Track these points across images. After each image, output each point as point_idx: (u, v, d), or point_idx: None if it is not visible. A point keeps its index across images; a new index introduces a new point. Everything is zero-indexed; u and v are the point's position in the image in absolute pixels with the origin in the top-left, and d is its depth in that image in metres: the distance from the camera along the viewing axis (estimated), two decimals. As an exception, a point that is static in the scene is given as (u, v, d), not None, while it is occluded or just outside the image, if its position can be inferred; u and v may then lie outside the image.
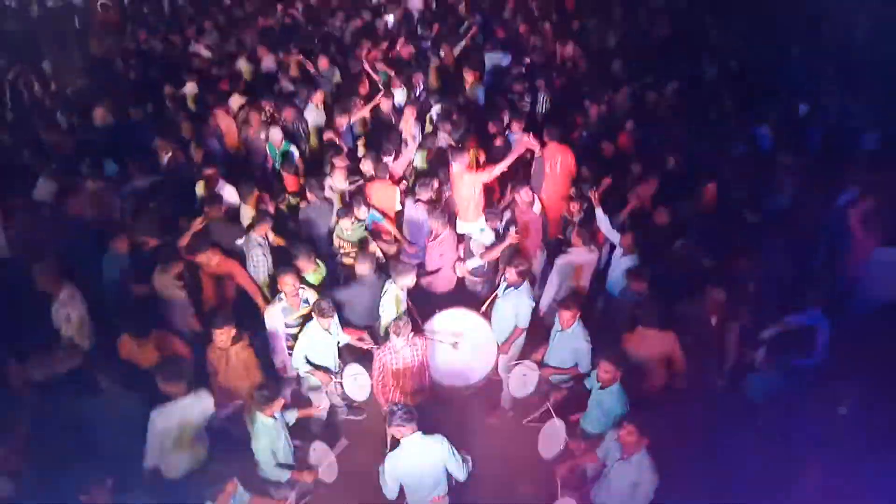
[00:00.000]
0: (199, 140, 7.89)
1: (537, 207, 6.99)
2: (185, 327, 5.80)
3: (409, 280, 5.74)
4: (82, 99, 9.45)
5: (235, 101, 8.98)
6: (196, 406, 4.64)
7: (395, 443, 4.34)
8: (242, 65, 10.53)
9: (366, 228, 6.73)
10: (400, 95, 9.13)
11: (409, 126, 8.26)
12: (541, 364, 5.51)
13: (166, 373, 4.58)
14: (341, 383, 5.43)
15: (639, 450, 4.18)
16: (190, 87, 9.37)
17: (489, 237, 6.68)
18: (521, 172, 7.73)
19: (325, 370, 5.40)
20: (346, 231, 6.54)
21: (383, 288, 5.81)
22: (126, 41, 11.81)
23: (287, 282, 5.43)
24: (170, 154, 7.58)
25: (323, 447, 4.92)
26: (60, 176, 7.05)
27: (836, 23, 11.58)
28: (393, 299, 5.73)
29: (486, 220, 6.64)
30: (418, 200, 6.95)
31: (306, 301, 5.57)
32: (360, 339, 5.68)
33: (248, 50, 11.04)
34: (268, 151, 8.15)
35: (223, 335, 4.99)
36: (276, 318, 5.52)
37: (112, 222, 6.59)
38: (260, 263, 6.23)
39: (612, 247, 6.50)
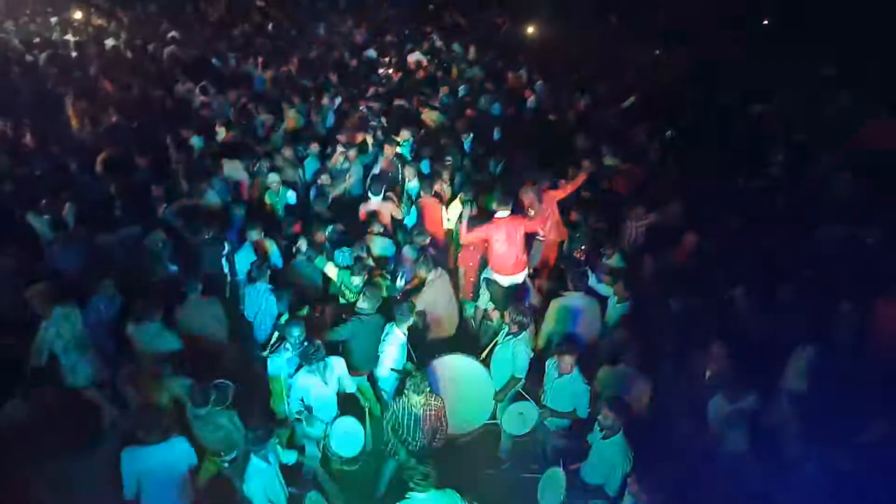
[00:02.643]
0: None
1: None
2: None
3: (409, 321, 5.77)
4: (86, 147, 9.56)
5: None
6: (169, 453, 4.52)
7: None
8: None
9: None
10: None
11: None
12: (539, 405, 5.48)
13: (140, 421, 4.56)
14: (328, 436, 5.33)
15: None
16: (196, 140, 9.46)
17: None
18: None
19: (314, 417, 5.30)
20: (353, 285, 6.41)
21: (384, 329, 5.81)
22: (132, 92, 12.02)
23: (294, 333, 5.38)
24: (166, 203, 7.62)
25: (318, 498, 4.82)
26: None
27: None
28: (396, 343, 5.74)
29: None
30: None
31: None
32: (361, 394, 5.67)
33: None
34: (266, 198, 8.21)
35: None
36: (280, 367, 5.46)
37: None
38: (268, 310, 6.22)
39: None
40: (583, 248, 6.75)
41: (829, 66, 11.43)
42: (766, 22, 15.16)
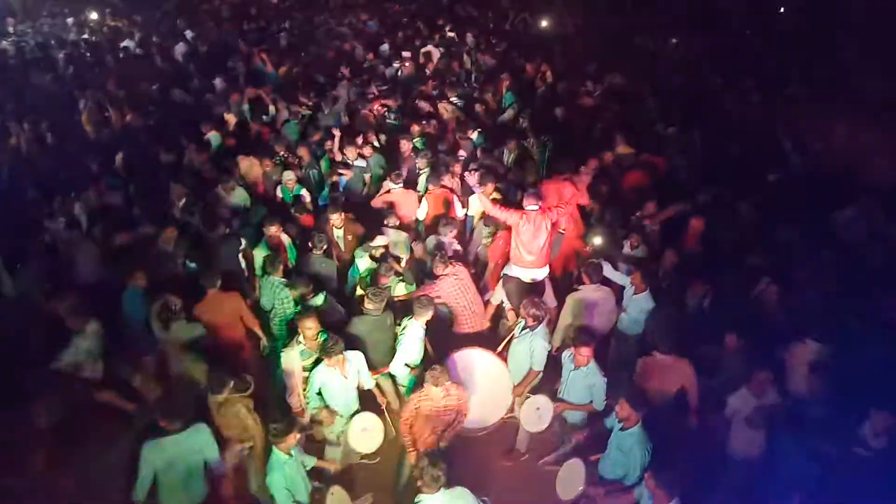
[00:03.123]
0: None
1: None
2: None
3: (428, 315, 5.79)
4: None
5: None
6: (190, 441, 4.57)
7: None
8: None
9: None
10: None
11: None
12: (555, 399, 5.47)
13: (163, 408, 4.61)
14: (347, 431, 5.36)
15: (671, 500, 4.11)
16: (213, 136, 9.53)
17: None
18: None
19: (333, 412, 5.35)
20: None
21: (401, 324, 5.85)
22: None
23: (308, 325, 5.41)
24: (184, 200, 7.71)
25: (341, 493, 4.85)
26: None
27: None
28: (414, 337, 5.76)
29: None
30: None
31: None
32: (380, 391, 5.69)
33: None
34: (280, 194, 8.28)
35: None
36: (294, 360, 5.49)
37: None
38: (286, 301, 6.29)
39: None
40: (599, 240, 6.67)
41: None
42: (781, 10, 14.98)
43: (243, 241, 7.03)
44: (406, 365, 5.86)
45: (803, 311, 5.79)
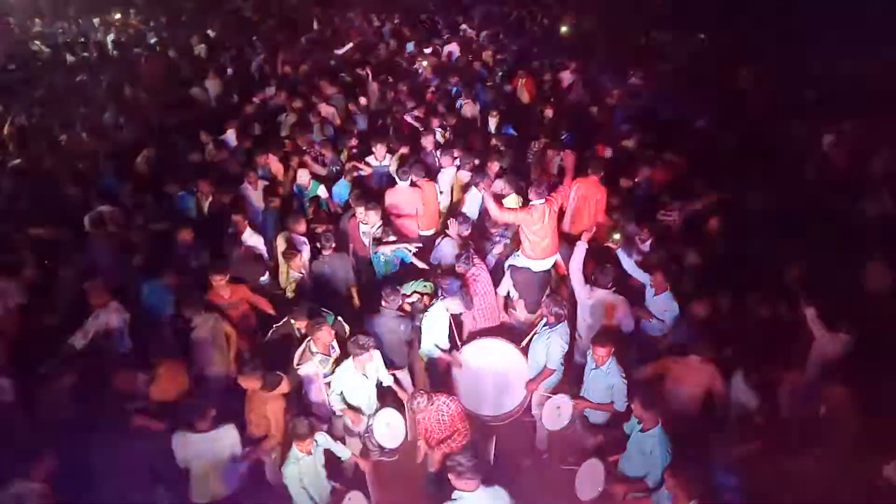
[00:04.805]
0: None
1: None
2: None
3: (454, 303, 5.87)
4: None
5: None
6: (219, 442, 4.68)
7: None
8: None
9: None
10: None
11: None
12: (576, 398, 5.46)
13: (189, 408, 4.73)
14: (372, 428, 5.40)
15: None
16: (230, 134, 9.62)
17: None
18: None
19: (358, 411, 5.40)
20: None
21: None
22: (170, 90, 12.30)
23: (320, 339, 5.43)
24: (211, 199, 7.82)
25: (359, 497, 4.89)
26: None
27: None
28: (439, 317, 5.82)
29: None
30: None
31: (334, 347, 5.62)
32: (399, 386, 5.72)
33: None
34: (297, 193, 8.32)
35: (245, 384, 5.09)
36: (313, 369, 5.52)
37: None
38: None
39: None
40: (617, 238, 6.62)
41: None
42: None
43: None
44: (436, 346, 5.92)
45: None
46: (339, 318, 5.97)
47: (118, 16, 19.23)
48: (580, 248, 6.14)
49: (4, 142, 9.57)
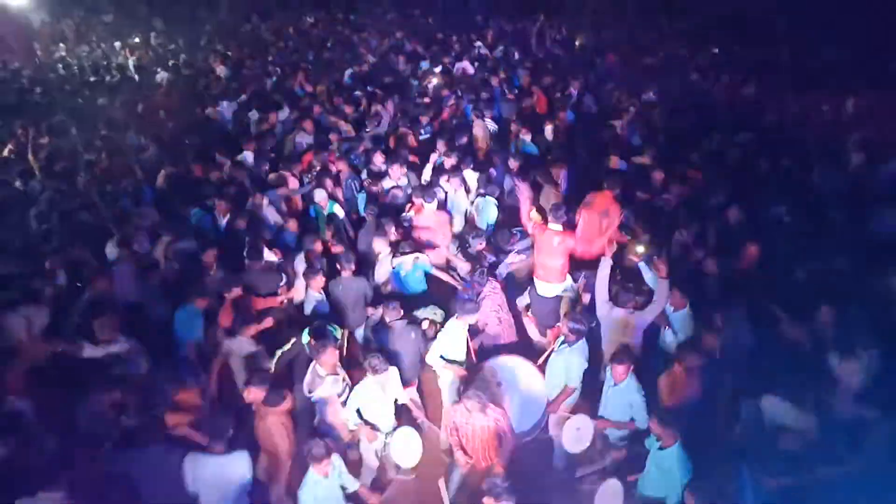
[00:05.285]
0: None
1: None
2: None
3: (473, 318, 5.86)
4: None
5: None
6: (231, 467, 4.62)
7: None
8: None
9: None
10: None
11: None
12: (595, 416, 5.40)
13: (211, 425, 4.73)
14: (388, 444, 5.39)
15: None
16: (248, 154, 9.72)
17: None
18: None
19: (374, 427, 5.40)
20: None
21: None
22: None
23: (326, 360, 5.39)
24: (228, 217, 7.89)
25: None
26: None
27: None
28: (455, 333, 5.81)
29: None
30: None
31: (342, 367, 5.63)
32: (415, 404, 5.71)
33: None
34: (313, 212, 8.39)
35: (250, 396, 5.09)
36: (327, 391, 5.51)
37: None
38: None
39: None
40: (640, 251, 6.55)
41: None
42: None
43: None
44: (441, 357, 5.87)
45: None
46: (351, 332, 5.98)
47: (137, 39, 19.65)
48: (606, 263, 6.11)
49: (30, 164, 9.73)
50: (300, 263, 7.05)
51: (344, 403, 5.45)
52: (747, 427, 5.21)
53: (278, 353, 6.05)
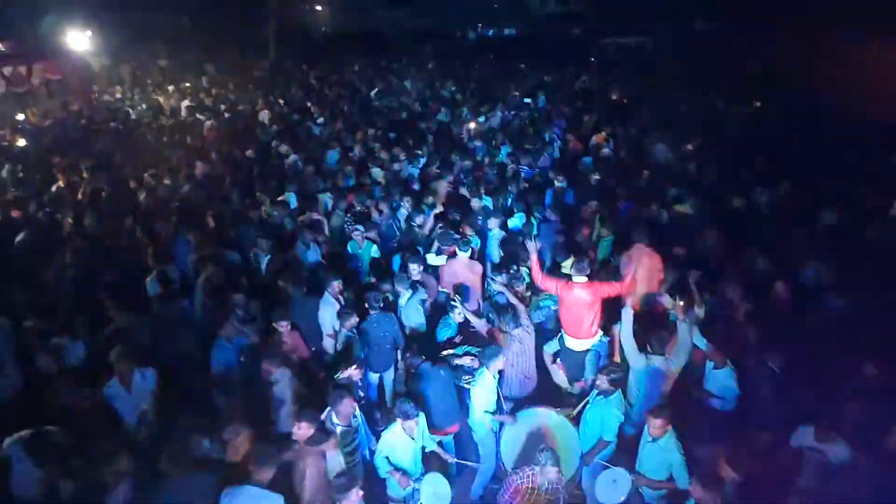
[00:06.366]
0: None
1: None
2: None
3: (500, 363, 5.80)
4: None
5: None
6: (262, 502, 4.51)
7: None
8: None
9: None
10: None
11: None
12: (632, 472, 5.21)
13: (258, 456, 4.65)
14: (419, 490, 5.28)
15: None
16: (291, 198, 9.91)
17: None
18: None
19: (405, 473, 5.32)
20: None
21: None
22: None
23: (342, 410, 5.30)
24: (269, 256, 8.06)
25: None
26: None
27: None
28: (486, 387, 5.75)
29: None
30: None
31: (355, 417, 5.57)
32: (442, 449, 5.65)
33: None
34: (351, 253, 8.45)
35: (300, 432, 5.02)
36: (331, 444, 5.32)
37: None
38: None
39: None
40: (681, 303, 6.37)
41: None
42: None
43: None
44: (486, 412, 5.80)
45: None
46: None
47: (187, 84, 20.53)
48: (627, 313, 6.00)
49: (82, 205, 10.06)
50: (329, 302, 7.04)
51: (351, 454, 5.39)
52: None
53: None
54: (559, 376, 6.84)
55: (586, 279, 6.61)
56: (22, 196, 10.24)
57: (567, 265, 7.50)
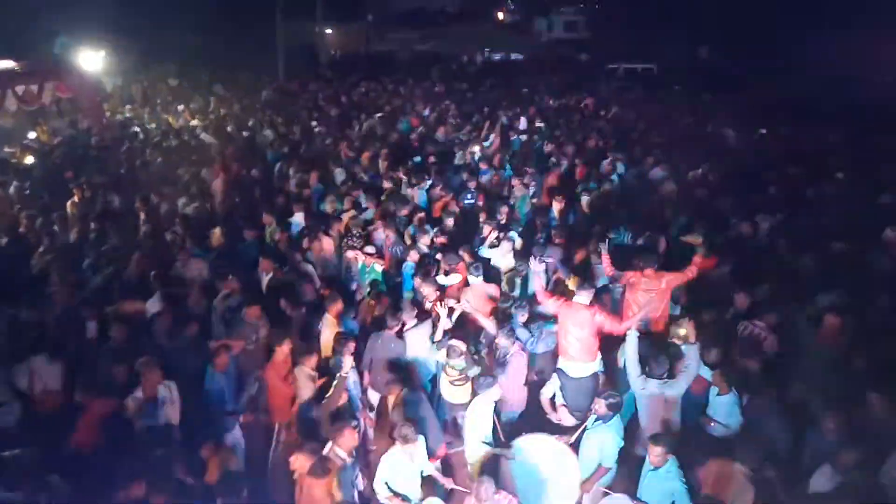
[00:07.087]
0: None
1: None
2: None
3: (495, 393, 5.74)
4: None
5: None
6: None
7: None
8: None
9: None
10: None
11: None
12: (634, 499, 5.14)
13: (222, 486, 4.70)
14: None
15: None
16: (298, 218, 9.87)
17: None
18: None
19: (405, 499, 5.27)
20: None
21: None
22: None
23: (344, 443, 5.21)
24: (271, 275, 8.06)
25: None
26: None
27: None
28: (484, 413, 5.70)
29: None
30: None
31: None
32: (440, 474, 5.59)
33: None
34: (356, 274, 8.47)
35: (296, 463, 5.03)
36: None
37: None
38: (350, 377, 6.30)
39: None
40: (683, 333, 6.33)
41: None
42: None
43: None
44: (483, 442, 5.74)
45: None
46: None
47: (194, 105, 20.74)
48: (632, 337, 5.94)
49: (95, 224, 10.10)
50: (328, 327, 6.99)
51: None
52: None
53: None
54: (565, 416, 6.46)
55: (588, 300, 6.49)
56: (29, 213, 10.29)
57: (571, 283, 7.46)
